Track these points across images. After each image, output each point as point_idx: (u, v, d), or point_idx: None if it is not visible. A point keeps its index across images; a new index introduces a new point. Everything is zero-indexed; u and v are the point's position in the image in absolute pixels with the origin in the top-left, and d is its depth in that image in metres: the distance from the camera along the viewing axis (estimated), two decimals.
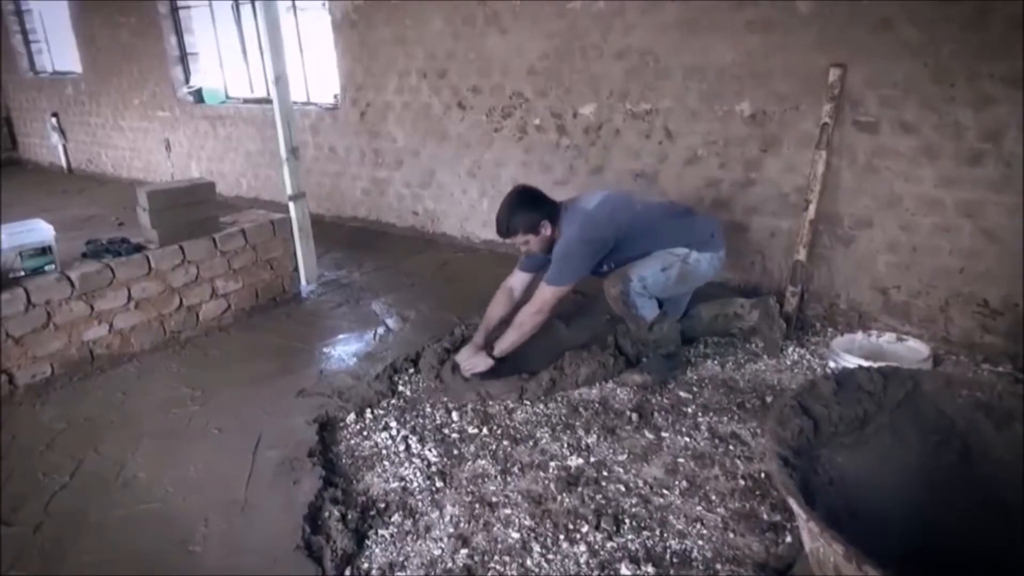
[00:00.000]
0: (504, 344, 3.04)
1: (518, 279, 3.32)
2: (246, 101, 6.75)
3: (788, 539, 2.08)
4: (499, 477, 2.51)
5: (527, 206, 3.02)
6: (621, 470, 2.51)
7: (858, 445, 1.69)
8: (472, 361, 3.09)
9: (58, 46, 8.87)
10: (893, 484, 1.68)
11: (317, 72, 6.05)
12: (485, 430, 2.81)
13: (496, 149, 4.86)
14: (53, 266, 3.32)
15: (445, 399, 3.02)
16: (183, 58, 7.17)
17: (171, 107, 7.34)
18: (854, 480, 1.64)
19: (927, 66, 3.11)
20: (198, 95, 7.06)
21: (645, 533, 2.19)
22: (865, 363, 2.70)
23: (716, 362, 3.29)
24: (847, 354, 2.94)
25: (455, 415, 2.91)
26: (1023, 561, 1.63)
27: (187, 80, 7.21)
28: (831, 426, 1.66)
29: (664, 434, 2.72)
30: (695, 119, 3.89)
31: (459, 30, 4.74)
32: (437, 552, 2.16)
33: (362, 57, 5.36)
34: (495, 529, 2.24)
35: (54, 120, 8.85)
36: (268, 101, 6.13)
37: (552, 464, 2.57)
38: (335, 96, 5.78)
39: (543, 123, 4.56)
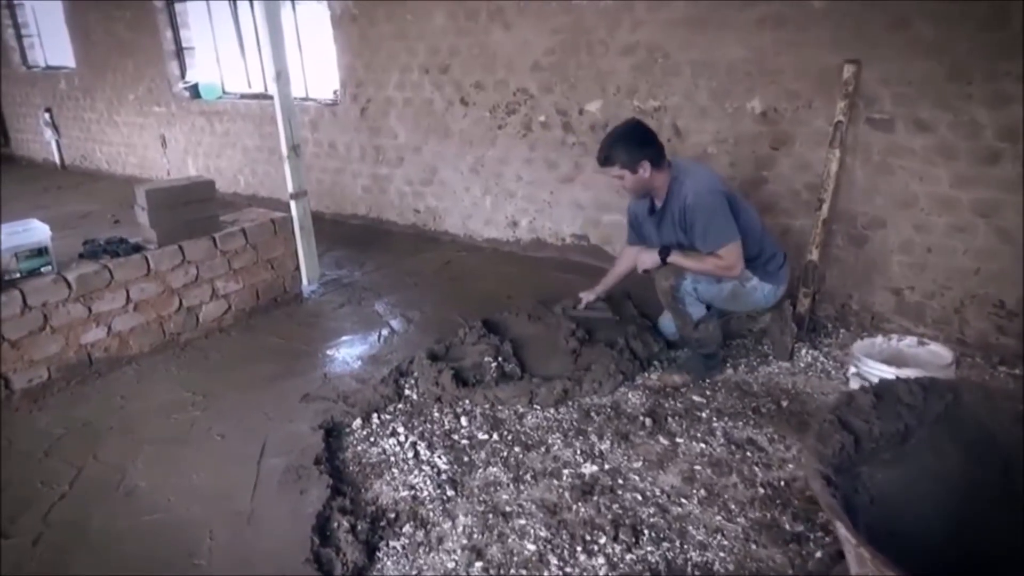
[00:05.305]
0: (679, 259, 2.95)
1: (629, 252, 3.38)
2: (243, 96, 6.65)
3: (818, 554, 2.02)
4: (512, 485, 2.44)
5: (635, 141, 2.89)
6: (637, 478, 2.45)
7: (897, 461, 1.63)
8: (643, 257, 3.07)
9: (51, 40, 8.75)
10: (932, 500, 1.62)
11: (316, 67, 5.95)
12: (495, 436, 2.74)
13: (500, 146, 4.79)
14: (50, 267, 3.24)
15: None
16: (179, 53, 7.07)
17: (167, 102, 7.24)
18: (894, 498, 1.58)
19: (943, 64, 3.05)
20: (194, 90, 6.96)
21: (665, 545, 2.12)
22: (887, 368, 2.63)
23: (728, 364, 3.23)
24: (868, 359, 2.87)
25: (464, 420, 2.85)
26: None
27: (183, 75, 7.11)
28: (871, 442, 1.59)
29: (679, 440, 2.66)
30: (705, 116, 3.83)
31: (462, 25, 4.66)
32: (451, 565, 2.10)
33: (363, 52, 5.28)
34: (510, 540, 2.18)
35: (47, 115, 8.73)
36: (266, 96, 6.06)
37: (566, 472, 2.50)
38: (335, 92, 5.69)
39: (548, 120, 4.48)
